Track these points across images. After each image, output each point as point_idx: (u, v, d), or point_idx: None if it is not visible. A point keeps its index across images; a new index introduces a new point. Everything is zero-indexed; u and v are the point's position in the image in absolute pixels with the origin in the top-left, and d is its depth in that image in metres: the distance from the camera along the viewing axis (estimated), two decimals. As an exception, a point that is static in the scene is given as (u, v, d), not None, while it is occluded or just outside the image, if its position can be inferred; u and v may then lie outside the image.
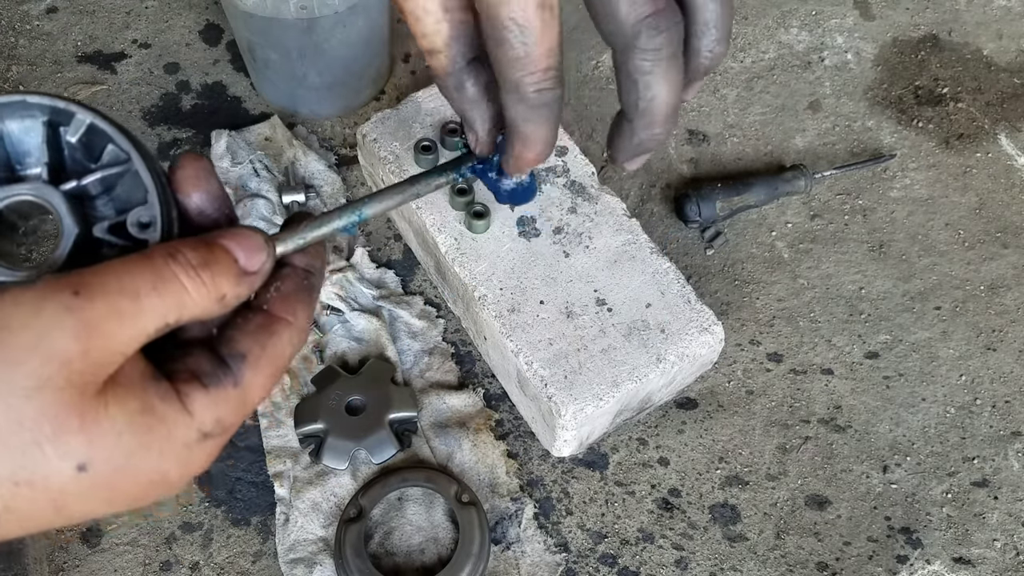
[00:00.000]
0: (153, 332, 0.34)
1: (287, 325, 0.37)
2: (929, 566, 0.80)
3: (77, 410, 0.31)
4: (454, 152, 0.89)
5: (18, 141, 0.38)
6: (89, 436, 0.32)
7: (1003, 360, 0.90)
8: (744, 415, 0.87)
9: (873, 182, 1.01)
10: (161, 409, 0.33)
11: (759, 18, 1.14)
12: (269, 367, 0.36)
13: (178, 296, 0.34)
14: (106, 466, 0.32)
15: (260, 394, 0.36)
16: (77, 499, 0.32)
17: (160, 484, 0.34)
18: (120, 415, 0.32)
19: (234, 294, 0.36)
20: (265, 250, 0.37)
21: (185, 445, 0.34)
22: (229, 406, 0.35)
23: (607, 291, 0.82)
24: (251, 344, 0.36)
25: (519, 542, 0.80)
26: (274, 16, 0.91)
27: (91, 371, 0.32)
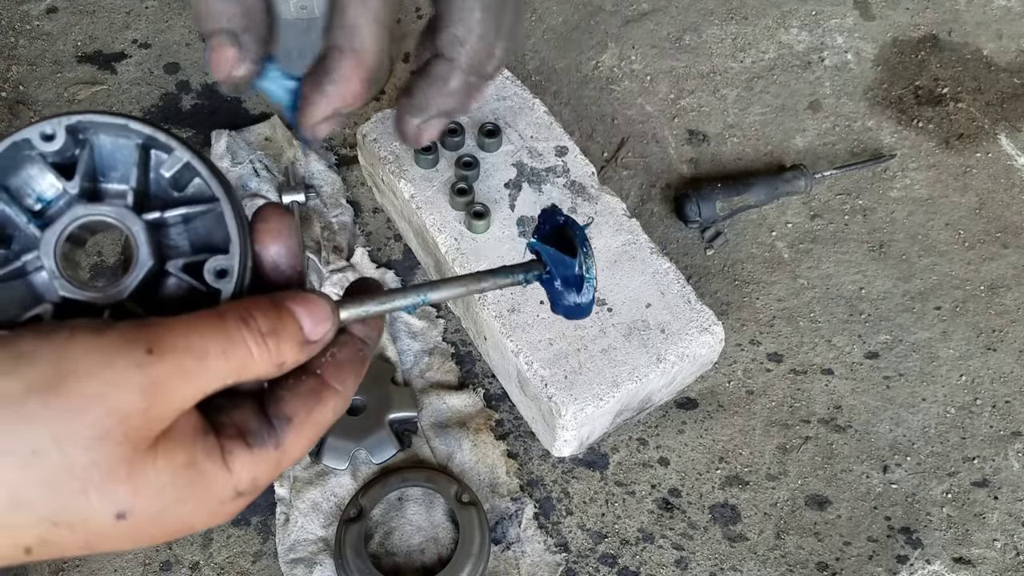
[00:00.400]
0: (211, 391, 0.35)
1: (335, 393, 0.38)
2: (929, 566, 0.80)
3: (127, 463, 0.32)
4: (454, 152, 0.89)
5: (108, 155, 0.38)
6: (135, 486, 0.33)
7: (1003, 360, 0.90)
8: (744, 415, 0.87)
9: (873, 182, 1.01)
10: (204, 465, 0.34)
11: (759, 18, 1.14)
12: (311, 432, 0.37)
13: (243, 360, 0.35)
14: (144, 515, 0.33)
15: (296, 457, 0.37)
16: (108, 541, 0.33)
17: (184, 531, 0.35)
18: (166, 469, 0.33)
19: (294, 361, 0.37)
20: (330, 320, 0.38)
21: (220, 501, 0.35)
22: (266, 467, 0.36)
23: (607, 291, 0.82)
24: (299, 408, 0.37)
25: (519, 542, 0.80)
26: (274, 16, 0.91)
27: (148, 427, 0.33)
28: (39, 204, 0.38)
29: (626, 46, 1.12)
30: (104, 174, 0.38)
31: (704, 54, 1.11)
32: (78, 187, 0.37)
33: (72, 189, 0.37)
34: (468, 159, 0.87)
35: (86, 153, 0.38)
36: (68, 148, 0.37)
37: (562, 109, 1.06)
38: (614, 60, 1.10)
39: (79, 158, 0.38)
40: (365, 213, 0.98)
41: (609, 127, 1.05)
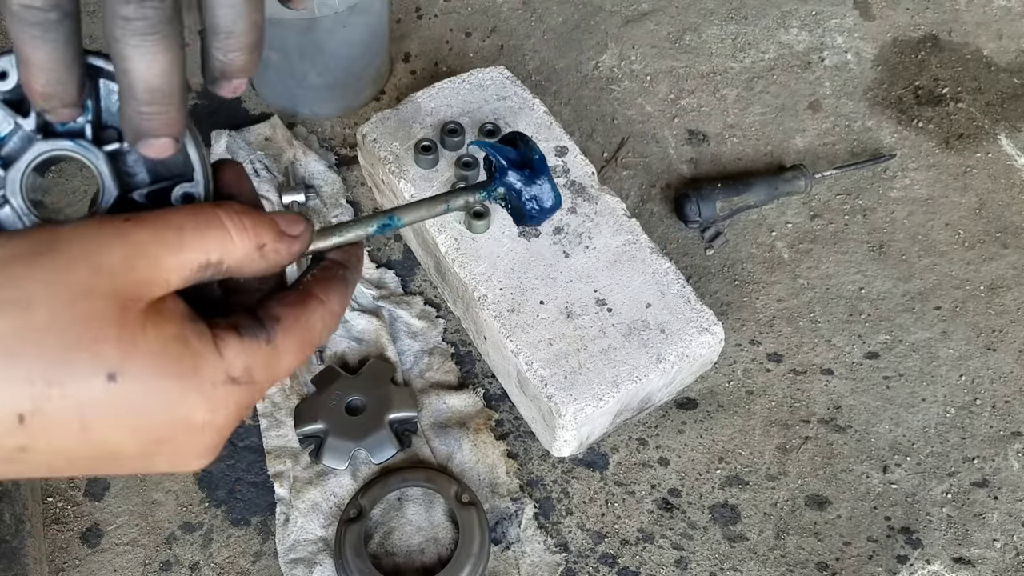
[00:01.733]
0: (196, 267, 0.35)
1: (320, 303, 0.39)
2: (929, 566, 0.80)
3: (117, 321, 0.33)
4: (454, 152, 0.89)
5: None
6: (124, 348, 0.33)
7: (1003, 360, 0.90)
8: (744, 415, 0.87)
9: (873, 182, 1.01)
10: (194, 343, 0.34)
11: (759, 18, 1.14)
12: (300, 335, 0.38)
13: (220, 236, 0.36)
14: (135, 382, 0.33)
15: (289, 361, 0.38)
16: (103, 416, 0.33)
17: (184, 424, 0.34)
18: (156, 337, 0.33)
19: (273, 248, 0.38)
20: (303, 223, 0.39)
21: (212, 383, 0.35)
22: (259, 359, 0.36)
23: (607, 291, 0.82)
24: (286, 312, 0.38)
25: (519, 542, 0.80)
26: (274, 16, 0.91)
27: (134, 288, 0.33)
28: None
29: (626, 46, 1.12)
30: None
31: (704, 54, 1.11)
32: (33, 123, 0.38)
33: (28, 125, 0.38)
34: (468, 159, 0.87)
35: None
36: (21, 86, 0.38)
37: (562, 109, 1.06)
38: (614, 60, 1.10)
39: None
40: (365, 213, 0.98)
41: (609, 127, 1.05)
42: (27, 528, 0.75)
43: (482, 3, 1.16)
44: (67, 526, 0.81)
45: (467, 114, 0.92)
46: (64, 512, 0.81)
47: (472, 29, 1.13)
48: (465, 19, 1.14)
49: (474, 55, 1.11)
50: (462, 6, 1.15)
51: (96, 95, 0.39)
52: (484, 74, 0.95)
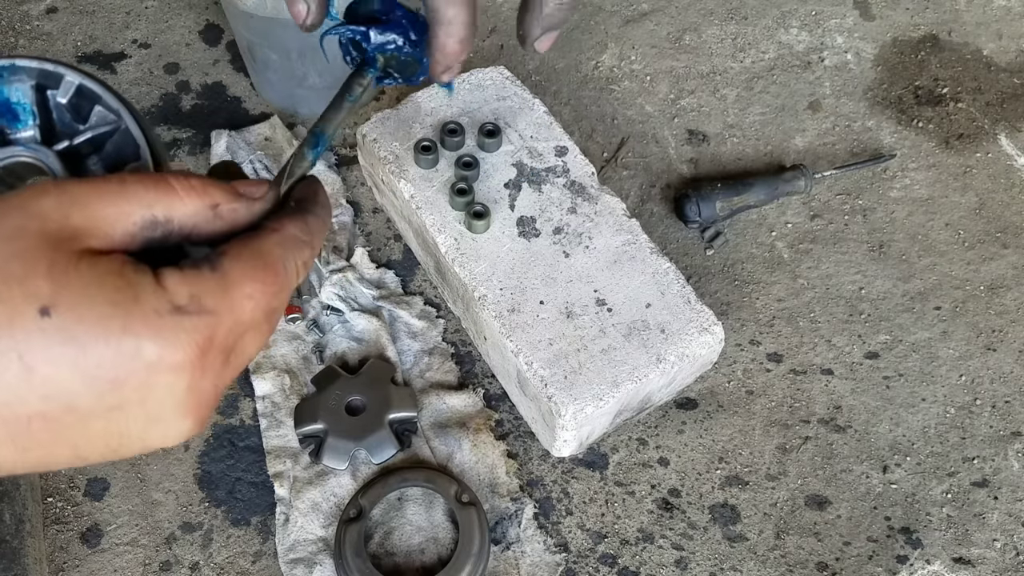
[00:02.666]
0: (139, 221, 0.34)
1: (271, 231, 0.37)
2: (929, 566, 0.80)
3: (47, 258, 0.32)
4: (454, 152, 0.89)
5: (6, 105, 0.39)
6: (55, 282, 0.31)
7: (1003, 360, 0.90)
8: (744, 415, 0.87)
9: (873, 182, 1.01)
10: (131, 276, 0.33)
11: (759, 18, 1.14)
12: (251, 259, 0.36)
13: (166, 192, 0.35)
14: (70, 314, 0.31)
15: (246, 285, 0.35)
16: (42, 353, 0.31)
17: (135, 361, 0.32)
18: (89, 272, 0.32)
19: (229, 208, 0.37)
20: (266, 185, 0.38)
21: (155, 311, 0.32)
22: (205, 286, 0.34)
23: (607, 291, 0.82)
24: (232, 244, 0.36)
25: (519, 542, 0.80)
26: (274, 16, 0.91)
27: (68, 233, 0.33)
28: None
29: (626, 46, 1.12)
30: (10, 126, 0.39)
31: (704, 54, 1.11)
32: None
33: None
34: (468, 159, 0.87)
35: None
36: None
37: (562, 109, 1.06)
38: (614, 60, 1.10)
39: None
40: (365, 213, 0.98)
41: (609, 127, 1.05)
42: (27, 528, 0.75)
43: (482, 3, 1.16)
44: (67, 526, 0.81)
45: (467, 114, 0.92)
46: (64, 512, 0.81)
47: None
48: (465, 19, 1.14)
49: (474, 55, 1.11)
50: (462, 6, 1.15)
51: (45, 107, 0.39)
52: (484, 74, 0.95)
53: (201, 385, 0.34)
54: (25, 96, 0.39)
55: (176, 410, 0.34)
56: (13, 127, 0.39)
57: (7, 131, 0.39)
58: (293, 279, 0.37)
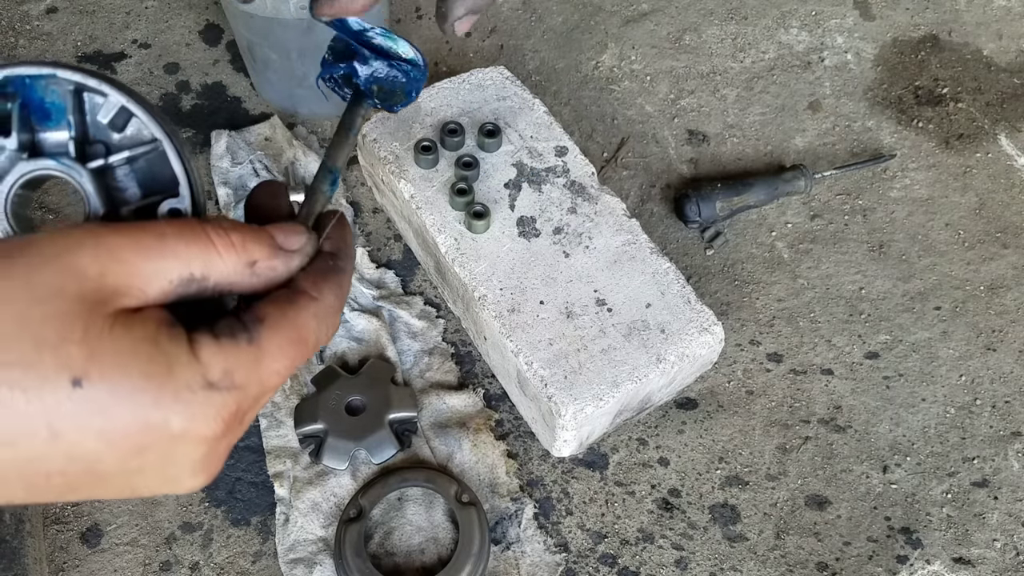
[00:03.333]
0: (176, 280, 0.34)
1: (311, 299, 0.37)
2: (929, 566, 0.80)
3: (82, 322, 0.31)
4: (454, 152, 0.89)
5: (41, 105, 0.38)
6: (90, 349, 0.31)
7: (1003, 360, 0.90)
8: (744, 415, 0.87)
9: (873, 182, 1.01)
10: (166, 345, 0.32)
11: (759, 18, 1.14)
12: (288, 332, 0.35)
13: (204, 250, 0.34)
14: (102, 384, 0.31)
15: (278, 362, 0.35)
16: (71, 421, 0.31)
17: (160, 432, 0.32)
18: (124, 338, 0.32)
19: (267, 265, 0.36)
20: (306, 234, 0.37)
21: (187, 387, 0.32)
22: (240, 360, 0.34)
23: (607, 291, 0.82)
24: (271, 310, 0.35)
25: (519, 542, 0.80)
26: (274, 16, 0.91)
27: (105, 292, 0.32)
28: None
29: (626, 46, 1.12)
30: (40, 124, 0.38)
31: (704, 54, 1.11)
32: (16, 142, 0.37)
33: (10, 145, 0.37)
34: (468, 159, 0.87)
35: (16, 107, 0.37)
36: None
37: (562, 109, 1.06)
38: (614, 60, 1.10)
39: (11, 112, 0.37)
40: (365, 213, 0.98)
41: (609, 127, 1.05)
42: (27, 528, 0.75)
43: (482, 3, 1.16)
44: (67, 526, 0.81)
45: (467, 114, 0.92)
46: (64, 512, 0.81)
47: (472, 29, 1.13)
48: (465, 19, 1.14)
49: (474, 55, 1.11)
50: (462, 6, 1.15)
51: (81, 110, 0.38)
52: (484, 74, 0.95)
53: (219, 450, 0.34)
54: (61, 99, 0.38)
55: (192, 472, 0.34)
56: (43, 125, 0.38)
57: (37, 128, 0.38)
58: (319, 347, 0.37)
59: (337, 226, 0.41)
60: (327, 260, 0.39)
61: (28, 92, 0.38)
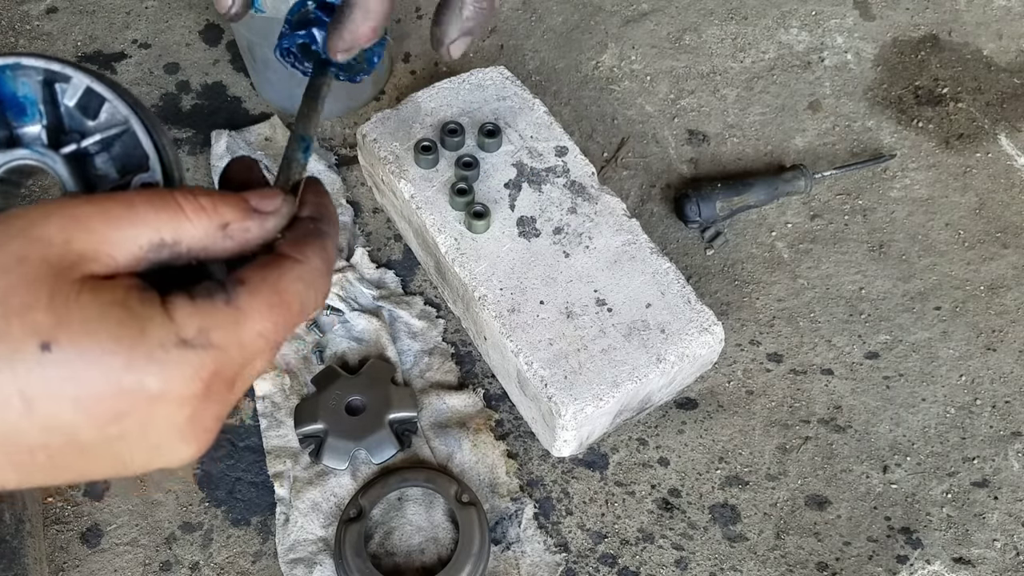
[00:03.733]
0: (146, 245, 0.33)
1: (294, 262, 0.36)
2: (929, 566, 0.80)
3: (48, 287, 0.31)
4: (454, 152, 0.89)
5: (13, 99, 0.38)
6: (56, 315, 0.31)
7: (1003, 360, 0.90)
8: (744, 415, 0.87)
9: (873, 182, 1.01)
10: (137, 307, 0.32)
11: (759, 18, 1.14)
12: (270, 294, 0.35)
13: (174, 215, 0.33)
14: (72, 349, 0.30)
15: (259, 322, 0.34)
16: (43, 388, 0.31)
17: (137, 394, 0.31)
18: (91, 303, 0.31)
19: (240, 226, 0.35)
20: (280, 196, 0.37)
21: (160, 345, 0.31)
22: (216, 319, 0.33)
23: (607, 291, 0.82)
24: (251, 274, 0.35)
25: (519, 542, 0.80)
26: (274, 16, 0.91)
27: (71, 259, 0.32)
28: None
29: (626, 46, 1.12)
30: (16, 120, 0.38)
31: (704, 54, 1.11)
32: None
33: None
34: (468, 159, 0.87)
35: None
36: None
37: (562, 109, 1.06)
38: (614, 60, 1.10)
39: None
40: (365, 213, 0.98)
41: (609, 127, 1.05)
42: (27, 528, 0.75)
43: (482, 3, 1.16)
44: (67, 526, 0.81)
45: (467, 114, 0.92)
46: (64, 512, 0.81)
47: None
48: (465, 19, 1.14)
49: (474, 55, 1.11)
50: (462, 6, 1.15)
51: (53, 101, 0.38)
52: (484, 74, 0.95)
53: (203, 414, 0.33)
54: (32, 91, 0.38)
55: (178, 438, 0.33)
56: (19, 120, 0.38)
57: (13, 124, 0.38)
58: (307, 315, 0.36)
59: (314, 191, 0.40)
60: (308, 224, 0.38)
61: (0, 86, 0.38)
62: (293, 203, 0.38)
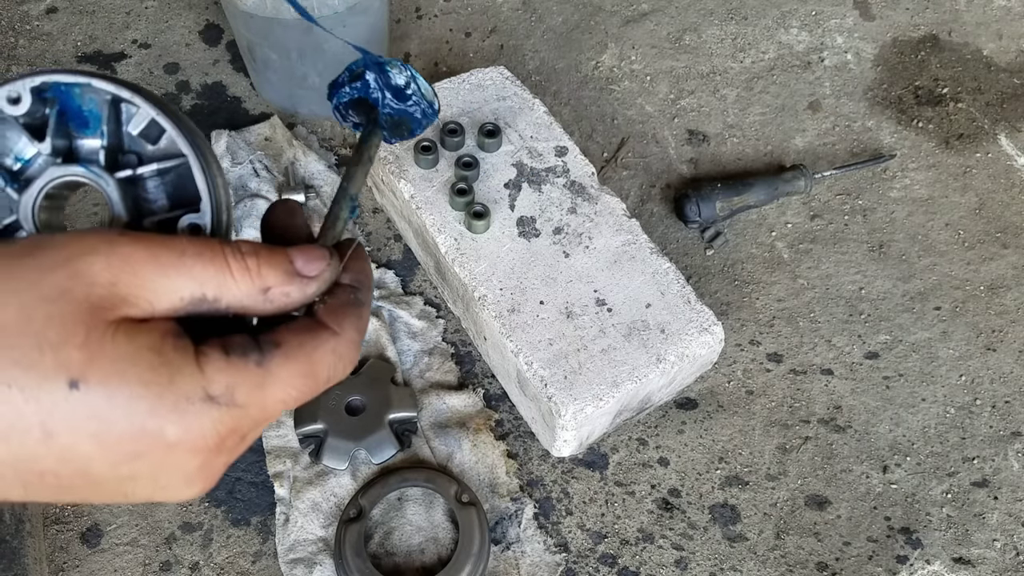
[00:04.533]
0: (188, 298, 0.33)
1: (331, 334, 0.36)
2: (929, 566, 0.80)
3: (85, 326, 0.31)
4: (454, 152, 0.89)
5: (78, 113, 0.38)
6: (90, 353, 0.31)
7: (1003, 360, 0.90)
8: (744, 415, 0.87)
9: (873, 182, 1.01)
10: (170, 355, 0.32)
11: (759, 18, 1.14)
12: (301, 363, 0.35)
13: (219, 272, 0.34)
14: (99, 390, 0.31)
15: (285, 389, 0.34)
16: (65, 423, 0.31)
17: (155, 440, 0.32)
18: (126, 345, 0.32)
19: (281, 291, 0.35)
20: (326, 259, 0.37)
21: (186, 398, 0.32)
22: (244, 379, 0.33)
23: (607, 291, 0.82)
24: (289, 337, 0.35)
25: (519, 542, 0.80)
26: (274, 16, 0.91)
27: (112, 300, 0.32)
28: (18, 164, 0.38)
29: (626, 46, 1.12)
30: (77, 132, 0.39)
31: (704, 54, 1.11)
32: (50, 147, 0.38)
33: (44, 149, 0.38)
34: (468, 159, 0.87)
35: (54, 113, 0.38)
36: (37, 109, 0.38)
37: (562, 109, 1.06)
38: (614, 60, 1.10)
39: (48, 117, 0.38)
40: (365, 213, 0.98)
41: (609, 127, 1.05)
42: (27, 528, 0.75)
43: (482, 3, 1.16)
44: (67, 526, 0.81)
45: (467, 114, 0.92)
46: (64, 512, 0.81)
47: (472, 29, 1.13)
48: (465, 19, 1.14)
49: (474, 55, 1.11)
50: (462, 6, 1.15)
51: (117, 120, 0.38)
52: (484, 74, 0.95)
53: (214, 463, 0.34)
54: (98, 108, 0.38)
55: (184, 483, 0.34)
56: (81, 132, 0.38)
57: (75, 135, 0.38)
58: (332, 383, 0.36)
59: (357, 256, 0.40)
60: (349, 293, 0.38)
61: (66, 99, 0.38)
62: (337, 267, 0.38)
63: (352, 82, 0.49)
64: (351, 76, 0.50)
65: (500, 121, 0.91)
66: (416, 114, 0.49)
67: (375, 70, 0.49)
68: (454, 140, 0.88)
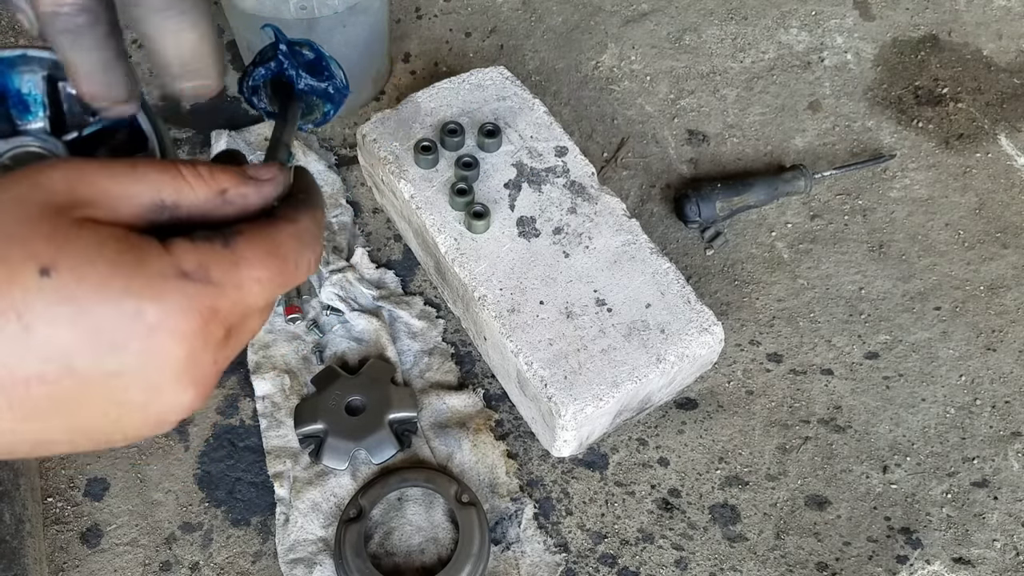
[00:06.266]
0: (147, 203, 0.34)
1: (288, 221, 0.37)
2: (929, 566, 0.80)
3: (50, 222, 0.32)
4: (454, 152, 0.89)
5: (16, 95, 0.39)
6: (57, 244, 0.31)
7: (1003, 360, 0.90)
8: (744, 415, 0.87)
9: (873, 182, 1.01)
10: (136, 240, 0.32)
11: (759, 18, 1.14)
12: (266, 242, 0.35)
13: (174, 179, 0.35)
14: (71, 274, 0.31)
15: (256, 268, 0.35)
16: (41, 312, 0.31)
17: (134, 322, 0.32)
18: (92, 236, 0.32)
19: (238, 192, 0.36)
20: (276, 167, 0.38)
21: (160, 274, 0.32)
22: (214, 258, 0.33)
23: (607, 291, 0.82)
24: (248, 226, 0.35)
25: (519, 542, 0.80)
26: (274, 16, 0.91)
27: (73, 202, 0.32)
28: None
29: (626, 46, 1.12)
30: (20, 116, 0.40)
31: (704, 54, 1.11)
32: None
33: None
34: (468, 159, 0.87)
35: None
36: None
37: (562, 109, 1.06)
38: (614, 60, 1.10)
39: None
40: (365, 213, 0.98)
41: (609, 127, 1.05)
42: (27, 528, 0.75)
43: (482, 3, 1.16)
44: (67, 526, 0.81)
45: (467, 114, 0.92)
46: (64, 512, 0.81)
47: (472, 29, 1.13)
48: (465, 19, 1.14)
49: (474, 55, 1.11)
50: (462, 6, 1.15)
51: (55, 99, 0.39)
52: (484, 74, 0.95)
53: (202, 357, 0.34)
54: (36, 87, 0.39)
55: (176, 379, 0.33)
56: (24, 118, 0.39)
57: (17, 121, 0.39)
58: (302, 275, 0.37)
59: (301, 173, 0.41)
60: (299, 195, 0.39)
61: (5, 81, 0.39)
62: (288, 174, 0.39)
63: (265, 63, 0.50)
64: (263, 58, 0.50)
65: (500, 121, 0.91)
66: (329, 89, 0.50)
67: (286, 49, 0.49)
68: (454, 140, 0.88)
